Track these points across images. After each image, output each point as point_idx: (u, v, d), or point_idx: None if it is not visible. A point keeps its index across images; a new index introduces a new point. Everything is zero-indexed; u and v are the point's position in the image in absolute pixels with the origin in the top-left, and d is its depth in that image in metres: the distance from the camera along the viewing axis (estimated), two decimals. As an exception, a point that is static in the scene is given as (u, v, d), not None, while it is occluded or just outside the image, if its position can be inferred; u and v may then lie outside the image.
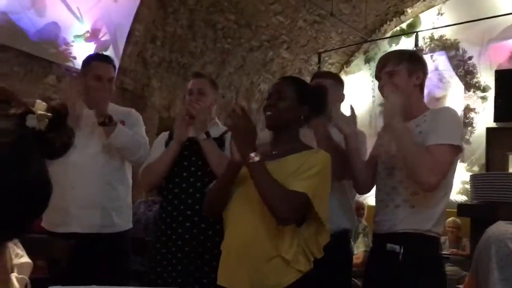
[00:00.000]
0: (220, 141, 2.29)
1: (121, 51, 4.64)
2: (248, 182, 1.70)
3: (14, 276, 0.66)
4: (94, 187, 2.39)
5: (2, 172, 0.54)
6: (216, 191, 1.80)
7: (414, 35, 6.41)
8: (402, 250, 1.89)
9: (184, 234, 2.21)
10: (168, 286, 2.11)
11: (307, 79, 2.64)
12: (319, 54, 6.74)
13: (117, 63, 3.99)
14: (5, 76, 3.83)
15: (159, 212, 2.41)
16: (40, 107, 0.57)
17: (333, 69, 7.00)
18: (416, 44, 6.32)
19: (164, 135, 2.49)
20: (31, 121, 0.56)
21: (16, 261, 0.68)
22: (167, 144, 2.40)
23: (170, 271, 2.20)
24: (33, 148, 0.56)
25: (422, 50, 6.58)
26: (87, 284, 1.10)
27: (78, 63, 3.97)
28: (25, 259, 0.73)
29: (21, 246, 0.73)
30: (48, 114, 0.57)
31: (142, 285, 2.55)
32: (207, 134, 2.27)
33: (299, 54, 6.77)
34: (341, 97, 2.50)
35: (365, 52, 7.38)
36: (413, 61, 2.02)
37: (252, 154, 1.63)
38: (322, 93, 1.97)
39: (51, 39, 4.09)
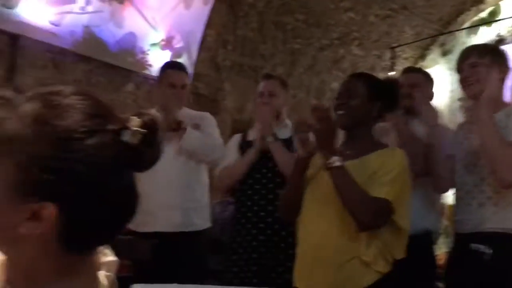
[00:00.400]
0: (290, 142, 2.30)
1: (194, 58, 4.77)
2: (319, 184, 1.68)
3: (102, 273, 0.70)
4: (174, 188, 2.48)
5: (100, 184, 0.59)
6: (288, 192, 1.80)
7: (494, 25, 6.03)
8: (490, 250, 1.80)
9: (258, 235, 2.25)
10: (243, 286, 2.15)
11: (380, 75, 2.58)
12: (392, 49, 6.53)
13: (191, 69, 4.11)
14: (90, 86, 4.07)
15: (234, 213, 2.46)
16: (135, 123, 0.61)
17: (407, 64, 6.75)
18: (498, 34, 5.93)
19: (237, 137, 2.53)
20: (126, 136, 0.60)
21: (103, 259, 0.72)
22: (240, 146, 2.44)
23: (245, 271, 2.24)
24: (126, 161, 0.60)
25: (505, 39, 6.17)
26: (169, 282, 1.15)
27: (155, 70, 4.14)
28: (112, 257, 0.78)
29: (108, 246, 0.78)
30: (142, 130, 0.61)
31: (219, 284, 2.61)
32: (274, 136, 2.28)
33: (371, 50, 6.61)
34: (431, 94, 2.40)
35: (442, 45, 7.03)
36: (497, 55, 1.97)
37: (334, 158, 1.59)
38: (394, 87, 1.88)
39: (129, 48, 4.30)
